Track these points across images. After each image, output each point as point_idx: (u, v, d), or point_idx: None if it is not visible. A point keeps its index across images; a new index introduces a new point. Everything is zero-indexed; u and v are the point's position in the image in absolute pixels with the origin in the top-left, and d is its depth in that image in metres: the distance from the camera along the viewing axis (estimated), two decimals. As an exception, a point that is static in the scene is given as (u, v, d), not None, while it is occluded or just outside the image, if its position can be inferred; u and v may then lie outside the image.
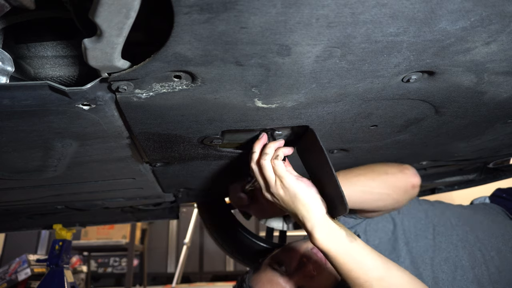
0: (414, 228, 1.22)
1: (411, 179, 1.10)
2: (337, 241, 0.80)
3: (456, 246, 1.17)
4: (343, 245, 0.80)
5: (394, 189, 1.08)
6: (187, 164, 1.03)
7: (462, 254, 1.15)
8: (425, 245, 1.18)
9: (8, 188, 1.09)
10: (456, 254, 1.15)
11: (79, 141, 0.80)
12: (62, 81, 0.65)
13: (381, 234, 1.22)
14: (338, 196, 0.77)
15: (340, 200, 0.77)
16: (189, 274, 5.73)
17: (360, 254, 0.80)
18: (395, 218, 1.24)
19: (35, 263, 3.51)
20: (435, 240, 1.19)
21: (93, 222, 1.97)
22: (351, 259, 0.79)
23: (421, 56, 0.59)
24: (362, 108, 0.77)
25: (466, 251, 1.16)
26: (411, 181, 1.10)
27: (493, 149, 1.19)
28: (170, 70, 0.57)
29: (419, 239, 1.19)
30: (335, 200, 0.79)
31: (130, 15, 0.45)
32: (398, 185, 1.08)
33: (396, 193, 1.09)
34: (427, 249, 1.17)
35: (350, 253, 0.79)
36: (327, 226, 0.80)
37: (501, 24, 0.53)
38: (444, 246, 1.18)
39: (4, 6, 0.49)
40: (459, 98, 0.77)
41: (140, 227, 4.96)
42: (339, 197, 0.77)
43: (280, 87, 0.65)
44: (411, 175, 1.11)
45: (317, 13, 0.47)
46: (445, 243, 1.18)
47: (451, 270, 1.13)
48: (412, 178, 1.10)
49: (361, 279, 0.79)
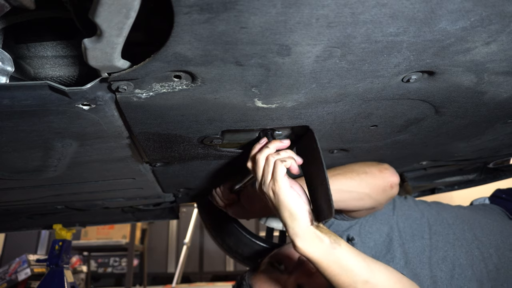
0: (410, 229, 1.22)
1: (390, 178, 1.11)
2: (319, 249, 0.81)
3: (453, 244, 1.17)
4: (325, 252, 0.81)
5: (372, 188, 1.09)
6: (187, 164, 1.03)
7: (460, 253, 1.15)
8: (421, 245, 1.18)
9: (8, 188, 1.09)
10: (454, 253, 1.16)
11: (79, 141, 0.80)
12: (62, 81, 0.66)
13: (375, 236, 1.23)
14: (326, 200, 0.79)
15: (328, 205, 0.79)
16: (189, 274, 5.73)
17: (344, 259, 0.81)
18: (390, 219, 1.25)
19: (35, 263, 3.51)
20: (431, 239, 1.19)
21: (93, 222, 1.97)
22: (335, 265, 0.81)
23: (421, 56, 0.59)
24: (362, 108, 0.77)
25: (464, 249, 1.16)
26: (389, 181, 1.10)
27: (493, 149, 1.19)
28: (170, 70, 0.57)
29: (415, 239, 1.19)
30: (323, 203, 0.81)
31: (130, 15, 0.45)
32: (377, 184, 1.09)
33: (375, 192, 1.09)
34: (424, 249, 1.17)
35: (333, 260, 0.81)
36: (309, 235, 0.81)
37: (501, 24, 0.53)
38: (441, 245, 1.18)
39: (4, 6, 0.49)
40: (459, 98, 0.77)
41: (140, 227, 4.96)
42: (327, 202, 0.79)
43: (280, 87, 0.65)
44: (390, 175, 1.11)
45: (317, 13, 0.47)
46: (442, 242, 1.18)
47: (449, 268, 1.13)
48: (390, 177, 1.11)
49: (346, 283, 0.81)
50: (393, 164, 1.28)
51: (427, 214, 1.26)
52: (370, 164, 1.14)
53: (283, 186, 0.82)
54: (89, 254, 4.93)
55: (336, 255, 0.81)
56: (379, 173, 1.10)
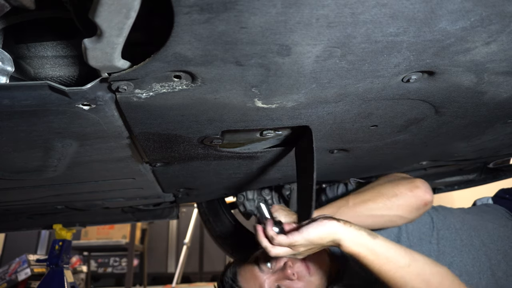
0: (418, 232, 1.21)
1: (423, 197, 1.09)
2: (362, 243, 0.89)
3: (461, 251, 1.15)
4: (369, 244, 0.89)
5: (404, 210, 1.09)
6: (187, 164, 1.03)
7: (467, 259, 1.14)
8: (428, 249, 1.17)
9: (8, 188, 1.09)
10: (461, 259, 1.14)
11: (79, 141, 0.80)
12: (62, 81, 0.65)
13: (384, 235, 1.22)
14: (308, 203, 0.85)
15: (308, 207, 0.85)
16: (189, 274, 5.73)
17: (385, 248, 0.89)
18: None
19: (35, 263, 3.51)
20: (439, 244, 1.18)
21: (93, 222, 1.97)
22: (379, 255, 0.88)
23: (421, 56, 0.59)
24: (362, 108, 0.77)
25: (471, 256, 1.14)
26: (423, 200, 1.09)
27: (493, 149, 1.18)
28: (170, 70, 0.57)
29: (422, 243, 1.18)
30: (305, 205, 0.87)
31: (130, 15, 0.45)
32: (410, 205, 1.09)
33: (407, 212, 1.10)
34: (430, 254, 1.16)
35: (377, 250, 0.88)
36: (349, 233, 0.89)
37: (501, 24, 0.53)
38: (448, 250, 1.16)
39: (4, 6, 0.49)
40: (459, 98, 0.77)
41: (140, 227, 4.96)
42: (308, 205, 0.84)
43: (280, 87, 0.65)
44: (423, 193, 1.09)
45: (317, 13, 0.47)
46: (449, 248, 1.17)
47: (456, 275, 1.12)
48: (423, 196, 1.09)
49: (392, 270, 0.88)
50: (393, 164, 1.28)
51: (435, 218, 1.24)
52: (399, 184, 1.12)
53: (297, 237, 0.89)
54: (89, 254, 4.93)
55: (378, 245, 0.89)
56: (410, 193, 1.09)
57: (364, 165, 1.25)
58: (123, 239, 4.70)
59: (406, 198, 1.08)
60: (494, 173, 1.58)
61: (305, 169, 0.89)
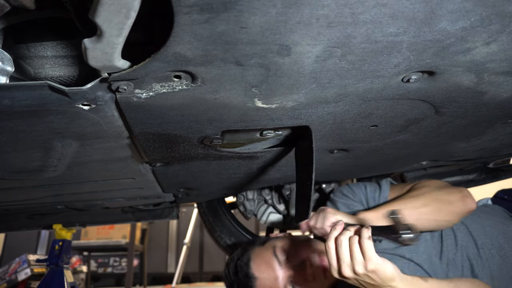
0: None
1: (471, 206, 1.18)
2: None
3: (456, 246, 1.18)
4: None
5: (454, 216, 1.17)
6: (187, 164, 1.03)
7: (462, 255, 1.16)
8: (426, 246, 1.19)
9: (8, 188, 1.09)
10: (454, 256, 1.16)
11: (79, 141, 0.80)
12: (62, 81, 0.65)
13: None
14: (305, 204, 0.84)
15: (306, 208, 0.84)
16: (189, 274, 5.73)
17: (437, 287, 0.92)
18: None
19: (35, 263, 3.51)
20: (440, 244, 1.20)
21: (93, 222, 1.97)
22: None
23: (421, 56, 0.59)
24: (362, 108, 0.77)
25: (465, 252, 1.17)
26: (470, 208, 1.18)
27: (493, 149, 1.19)
28: (170, 70, 0.57)
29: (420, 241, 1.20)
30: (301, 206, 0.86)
31: (130, 15, 0.45)
32: (459, 212, 1.18)
33: (455, 218, 1.18)
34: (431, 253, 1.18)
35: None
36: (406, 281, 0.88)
37: (501, 24, 0.53)
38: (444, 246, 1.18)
39: (4, 6, 0.49)
40: (459, 98, 0.77)
41: (140, 227, 4.96)
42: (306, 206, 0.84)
43: (280, 87, 0.65)
44: (471, 202, 1.19)
45: (317, 13, 0.47)
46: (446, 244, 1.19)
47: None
48: (472, 205, 1.18)
49: None
50: (393, 164, 1.28)
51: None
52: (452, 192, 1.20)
53: (378, 260, 0.84)
54: (89, 254, 4.93)
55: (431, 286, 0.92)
56: (462, 202, 1.17)
57: (364, 165, 1.25)
58: (123, 239, 4.70)
59: (458, 206, 1.17)
60: (494, 173, 1.58)
61: (304, 169, 0.89)
